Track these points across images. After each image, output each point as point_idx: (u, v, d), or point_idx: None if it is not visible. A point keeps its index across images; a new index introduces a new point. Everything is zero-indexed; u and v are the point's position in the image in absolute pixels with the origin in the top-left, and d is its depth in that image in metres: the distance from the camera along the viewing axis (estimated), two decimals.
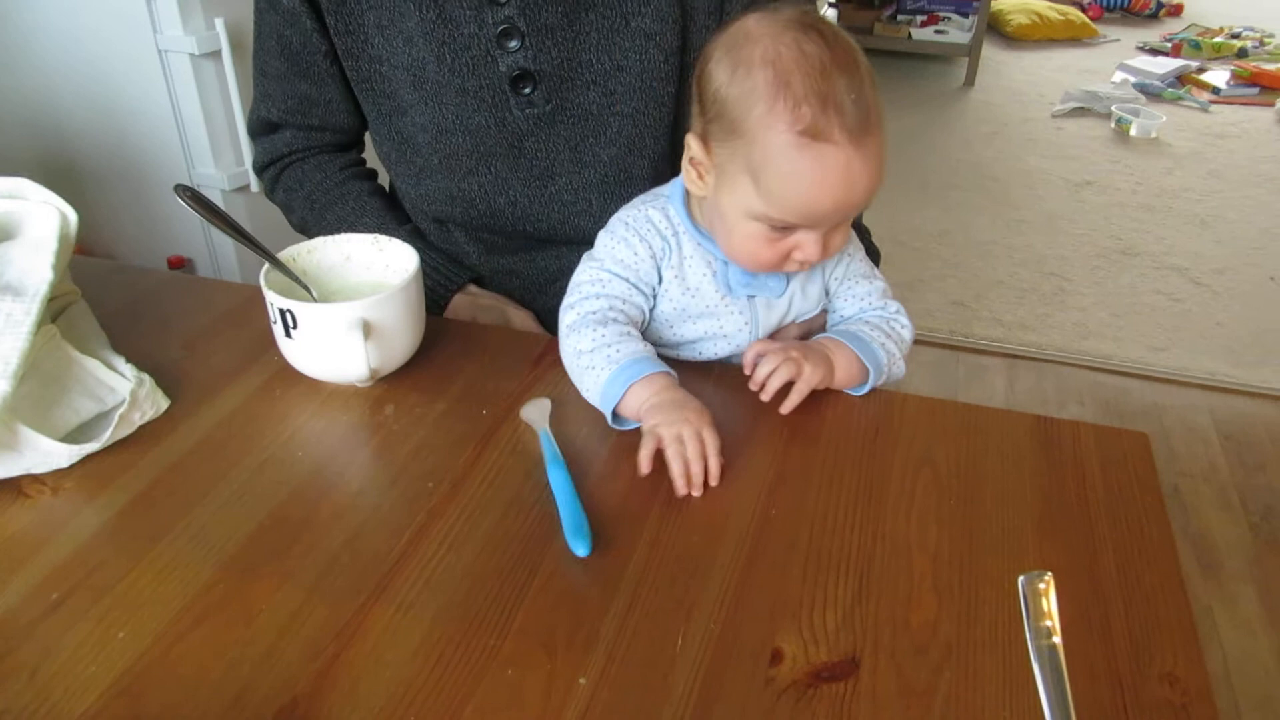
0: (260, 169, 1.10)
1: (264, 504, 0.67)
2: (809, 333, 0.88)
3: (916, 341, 0.81)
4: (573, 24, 0.90)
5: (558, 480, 0.66)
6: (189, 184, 1.90)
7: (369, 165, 1.12)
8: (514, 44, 0.90)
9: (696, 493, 0.68)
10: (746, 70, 0.70)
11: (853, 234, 0.87)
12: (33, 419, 0.69)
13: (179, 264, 2.01)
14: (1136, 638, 0.57)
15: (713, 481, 0.68)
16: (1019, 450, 0.73)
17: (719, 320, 0.83)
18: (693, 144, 0.76)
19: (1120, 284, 2.73)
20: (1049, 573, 0.45)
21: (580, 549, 0.62)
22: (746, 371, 0.78)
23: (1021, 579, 0.44)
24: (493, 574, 0.61)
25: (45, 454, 0.68)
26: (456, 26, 0.89)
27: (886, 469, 0.71)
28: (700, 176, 0.76)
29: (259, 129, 1.07)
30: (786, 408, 0.76)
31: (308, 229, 1.09)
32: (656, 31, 0.90)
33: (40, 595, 0.60)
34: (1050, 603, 0.44)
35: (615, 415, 0.74)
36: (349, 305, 0.72)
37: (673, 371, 0.75)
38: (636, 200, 0.85)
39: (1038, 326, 2.52)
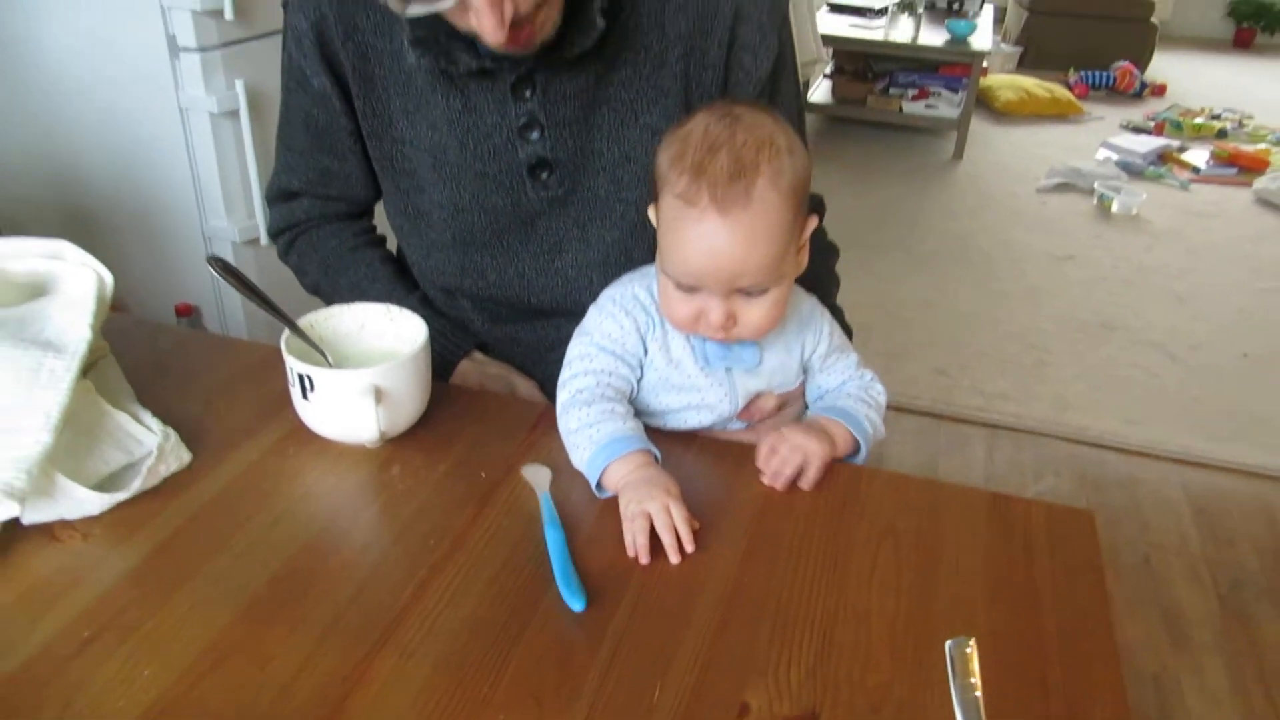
0: (276, 233, 1.17)
1: (278, 555, 0.73)
2: (789, 401, 0.95)
3: (899, 409, 0.89)
4: (588, 118, 0.98)
5: (555, 541, 0.72)
6: (205, 237, 2.00)
7: (379, 233, 1.20)
8: (535, 135, 0.97)
9: (674, 559, 0.74)
10: (672, 142, 0.81)
11: (825, 312, 0.95)
12: (67, 468, 0.74)
13: (187, 311, 2.08)
14: (1071, 699, 0.63)
15: (687, 548, 0.75)
16: (975, 525, 0.79)
17: (700, 392, 0.89)
18: (650, 210, 0.86)
19: (1099, 357, 2.81)
20: (973, 639, 0.51)
21: (576, 605, 0.68)
22: (760, 466, 0.85)
23: (949, 643, 0.50)
24: (488, 626, 0.67)
25: (79, 501, 0.74)
26: (481, 116, 0.97)
27: (851, 539, 0.77)
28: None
29: (278, 196, 1.15)
30: (807, 484, 0.83)
31: (320, 292, 1.15)
32: (662, 128, 0.98)
33: (72, 633, 0.66)
34: (974, 664, 0.50)
35: (599, 486, 0.81)
36: (362, 372, 0.79)
37: (651, 447, 0.81)
38: (625, 277, 0.93)
39: (1018, 397, 2.59)
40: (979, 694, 0.47)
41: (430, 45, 0.91)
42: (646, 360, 0.88)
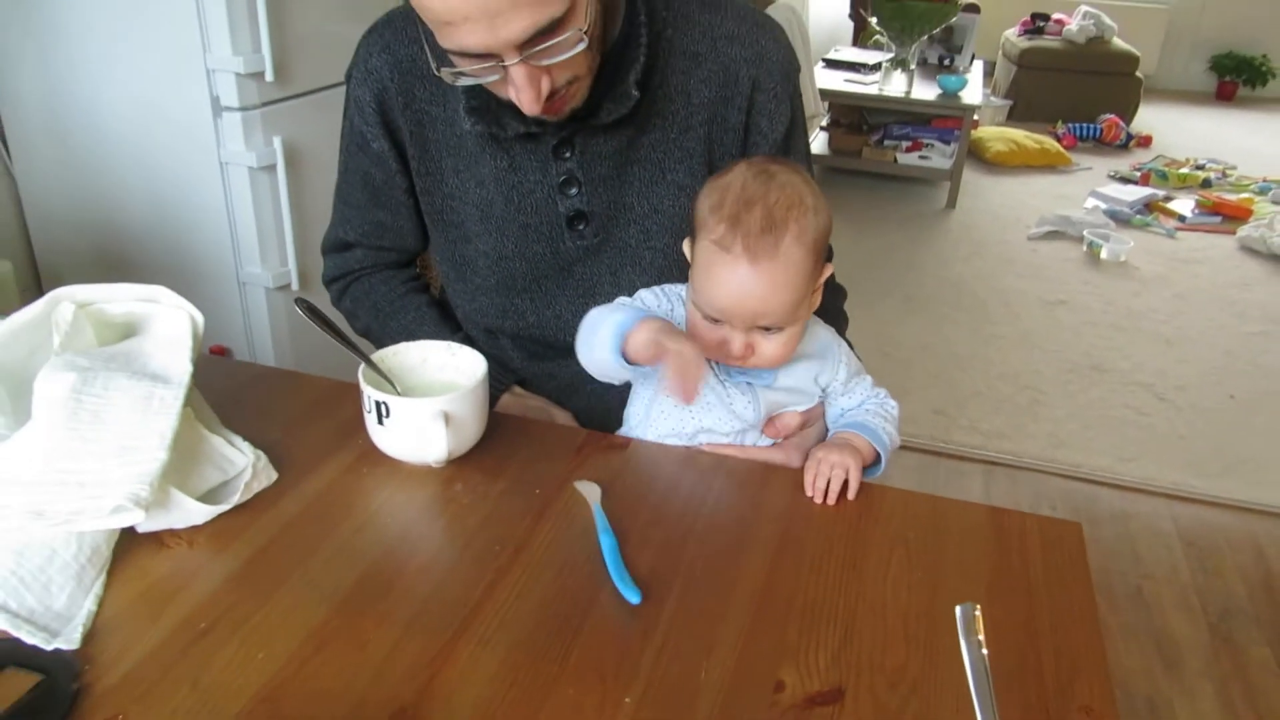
0: (330, 281, 1.28)
1: (362, 559, 0.83)
2: (810, 420, 1.06)
3: (901, 446, 1.01)
4: (620, 175, 1.10)
5: (609, 546, 0.83)
6: (240, 283, 2.10)
7: (423, 280, 1.31)
8: (574, 191, 1.09)
9: (690, 400, 0.89)
10: (711, 191, 0.94)
11: (842, 343, 1.08)
12: (175, 484, 0.84)
13: (220, 352, 2.19)
14: (1062, 679, 0.73)
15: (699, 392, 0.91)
16: (975, 534, 0.89)
17: (730, 405, 1.01)
18: (686, 244, 0.99)
19: (1091, 398, 2.92)
20: (979, 604, 0.60)
21: (633, 598, 0.78)
22: (807, 487, 0.95)
23: (959, 608, 0.60)
24: (553, 618, 0.77)
25: (188, 512, 0.84)
26: (525, 174, 1.09)
27: (867, 546, 0.87)
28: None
29: (334, 247, 1.26)
30: (851, 495, 0.94)
31: (370, 334, 1.26)
32: (688, 184, 1.10)
33: (190, 625, 0.75)
34: (980, 625, 0.59)
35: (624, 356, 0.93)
36: (434, 400, 0.89)
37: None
38: (665, 287, 1.07)
39: (1013, 435, 2.69)
40: (985, 651, 0.57)
41: (483, 113, 1.03)
42: None
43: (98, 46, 1.97)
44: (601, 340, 0.95)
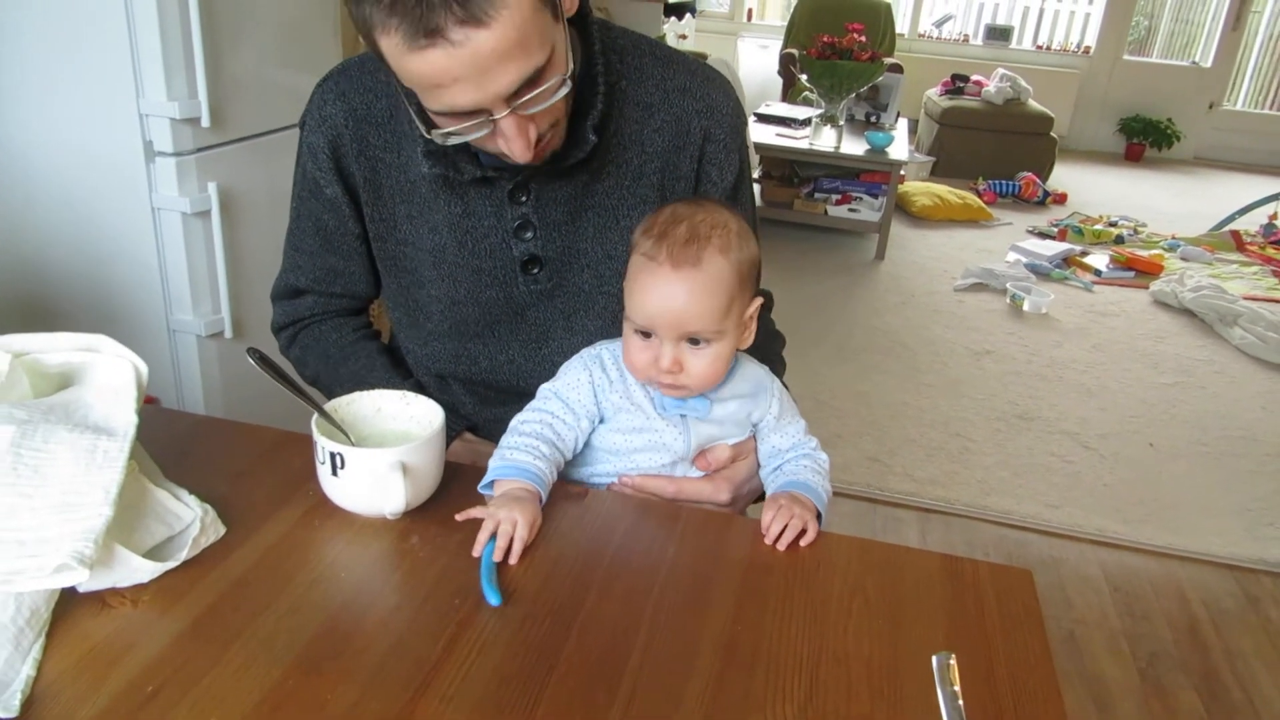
0: (279, 329, 1.26)
1: (318, 615, 0.80)
2: (740, 454, 1.08)
3: (837, 494, 1.04)
4: (575, 220, 1.10)
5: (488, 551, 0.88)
6: (170, 331, 2.05)
7: (375, 327, 1.29)
8: (529, 235, 1.09)
9: (498, 557, 0.88)
10: (644, 220, 1.00)
11: (775, 380, 1.10)
12: (119, 540, 0.81)
13: (148, 401, 2.12)
14: None
15: (511, 559, 0.89)
16: (931, 582, 0.90)
17: (659, 433, 1.03)
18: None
19: (1019, 446, 3.00)
20: (953, 653, 0.61)
21: (494, 600, 0.82)
22: (765, 530, 0.96)
23: (935, 657, 0.61)
24: (517, 673, 0.75)
25: (133, 570, 0.81)
26: (479, 219, 1.09)
27: (827, 595, 0.88)
28: None
29: (284, 294, 1.24)
30: (806, 542, 0.96)
31: (319, 382, 1.24)
32: None
33: (137, 688, 0.72)
34: (955, 674, 0.60)
35: (490, 485, 0.97)
36: (392, 450, 0.88)
37: (541, 488, 0.96)
38: (599, 343, 1.08)
39: (946, 482, 2.75)
40: (961, 702, 0.58)
41: (439, 156, 1.03)
42: (611, 406, 1.02)
43: (27, 87, 1.92)
44: (490, 464, 0.99)
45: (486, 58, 0.83)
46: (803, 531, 0.95)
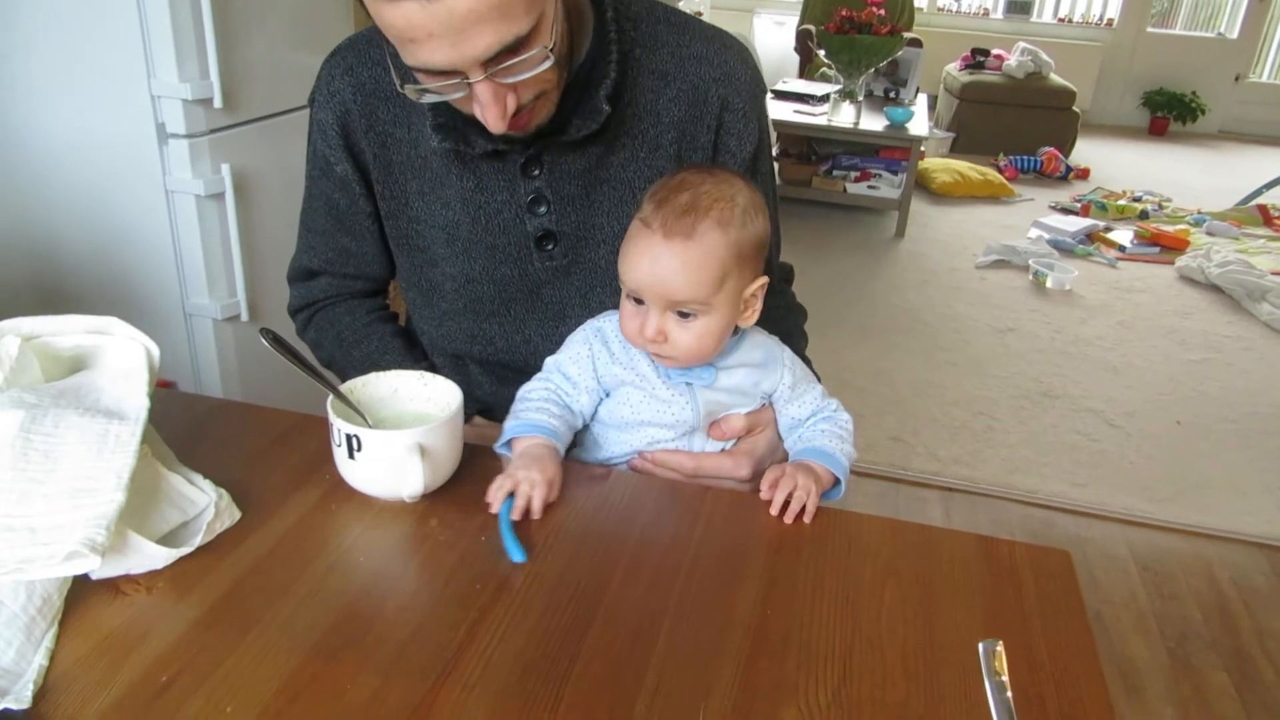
0: (295, 311, 1.24)
1: (336, 601, 0.78)
2: (757, 424, 1.05)
3: (860, 474, 1.01)
4: (589, 194, 1.07)
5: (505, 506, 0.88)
6: (186, 314, 2.04)
7: (391, 309, 1.27)
8: (542, 209, 1.07)
9: (517, 516, 0.89)
10: (654, 185, 0.97)
11: (785, 349, 1.07)
12: (132, 526, 0.79)
13: (165, 385, 2.11)
14: (1065, 713, 0.71)
15: (533, 514, 0.90)
16: (966, 563, 0.88)
17: (665, 402, 1.00)
18: None
19: (1043, 424, 2.96)
20: (1000, 640, 0.58)
21: (517, 556, 0.83)
22: (764, 497, 0.94)
23: (981, 644, 0.58)
24: (541, 660, 0.73)
25: (147, 556, 0.79)
26: (492, 194, 1.06)
27: (859, 578, 0.85)
28: None
29: (298, 276, 1.22)
30: (808, 518, 0.93)
31: (334, 364, 1.22)
32: None
33: (152, 678, 0.70)
34: (1003, 662, 0.57)
35: (508, 445, 0.98)
36: (410, 432, 0.85)
37: (559, 441, 0.97)
38: (606, 312, 1.06)
39: (970, 462, 2.71)
40: (1009, 694, 0.55)
41: (450, 130, 1.00)
42: (613, 378, 1.01)
43: (39, 71, 1.90)
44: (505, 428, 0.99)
45: (462, 18, 0.80)
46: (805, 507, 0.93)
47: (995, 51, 6.45)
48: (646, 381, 1.00)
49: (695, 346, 0.96)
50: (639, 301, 0.95)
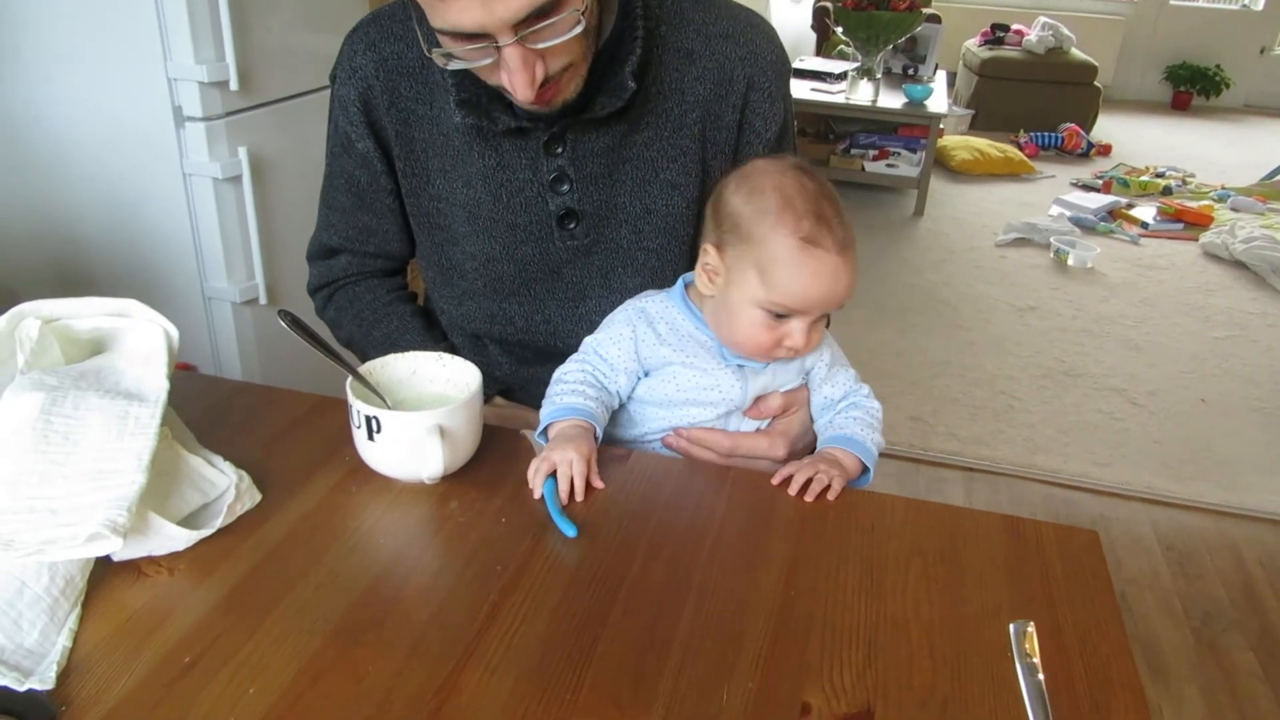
0: (315, 289, 1.24)
1: (357, 583, 0.78)
2: (793, 404, 1.04)
3: (880, 454, 1.00)
4: (612, 173, 1.06)
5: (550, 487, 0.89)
6: (205, 298, 2.04)
7: (411, 289, 1.26)
8: (564, 188, 1.05)
9: (563, 499, 0.89)
10: (760, 193, 0.93)
11: (826, 331, 1.05)
12: (153, 508, 0.79)
13: (185, 368, 2.11)
14: (1095, 695, 0.70)
15: (577, 496, 0.90)
16: (991, 544, 0.86)
17: (715, 375, 1.00)
18: (710, 251, 0.97)
19: (1065, 403, 2.93)
20: (1031, 621, 0.58)
21: (569, 531, 0.84)
22: (775, 482, 0.94)
23: (1012, 626, 0.57)
24: (563, 641, 0.73)
25: (169, 538, 0.79)
26: (514, 172, 1.05)
27: (883, 558, 0.84)
28: (711, 280, 0.97)
29: (319, 253, 1.21)
30: (832, 496, 0.92)
31: (354, 344, 1.21)
32: (681, 183, 1.07)
33: (174, 659, 0.70)
34: (1034, 644, 0.56)
35: (544, 434, 0.97)
36: (429, 413, 0.85)
37: (596, 422, 0.96)
38: (646, 293, 1.05)
39: (991, 442, 2.69)
40: (1041, 676, 0.54)
41: (474, 106, 0.99)
42: (658, 359, 1.00)
43: (55, 55, 1.90)
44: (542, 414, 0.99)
45: None
46: (829, 486, 0.92)
47: (1015, 26, 6.36)
48: (699, 362, 1.00)
49: (819, 340, 0.99)
50: (780, 315, 0.94)
